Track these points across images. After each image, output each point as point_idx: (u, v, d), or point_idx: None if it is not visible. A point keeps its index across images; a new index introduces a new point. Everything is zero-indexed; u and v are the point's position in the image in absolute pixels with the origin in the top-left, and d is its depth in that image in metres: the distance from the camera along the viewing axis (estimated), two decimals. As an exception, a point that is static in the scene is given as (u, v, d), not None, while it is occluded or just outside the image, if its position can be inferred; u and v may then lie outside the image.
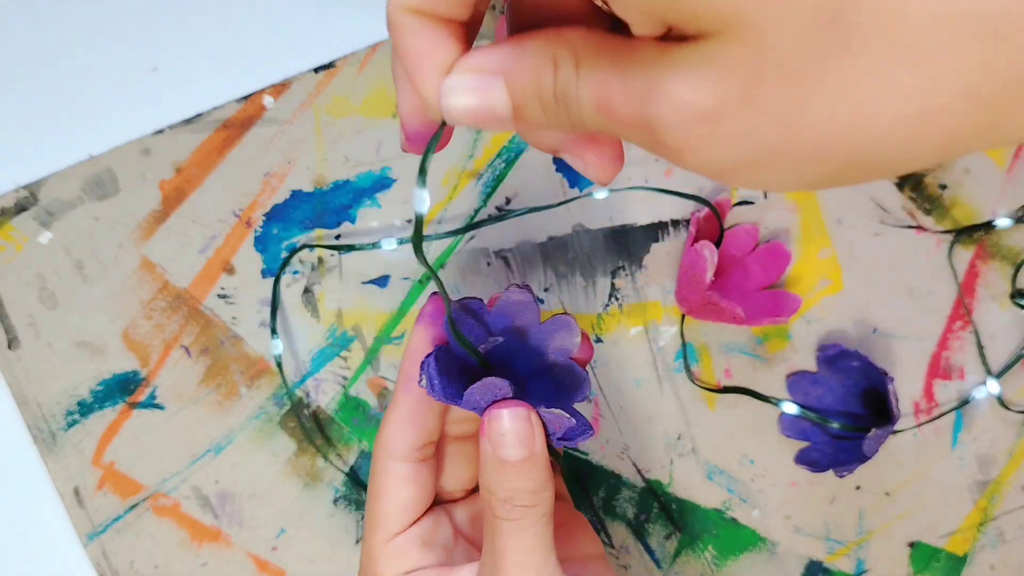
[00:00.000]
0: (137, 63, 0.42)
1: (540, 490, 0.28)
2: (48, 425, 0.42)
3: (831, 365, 0.41)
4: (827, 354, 0.41)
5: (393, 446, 0.30)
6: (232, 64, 0.42)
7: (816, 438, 0.41)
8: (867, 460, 0.38)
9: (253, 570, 0.42)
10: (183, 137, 0.41)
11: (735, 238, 0.41)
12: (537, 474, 0.28)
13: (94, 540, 0.42)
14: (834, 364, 0.41)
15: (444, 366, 0.28)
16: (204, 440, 0.42)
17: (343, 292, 0.42)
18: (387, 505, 0.30)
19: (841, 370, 0.41)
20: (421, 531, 0.31)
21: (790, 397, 0.42)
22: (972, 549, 0.42)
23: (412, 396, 0.30)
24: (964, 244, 0.42)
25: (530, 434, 0.27)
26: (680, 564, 0.42)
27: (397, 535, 0.31)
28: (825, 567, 0.42)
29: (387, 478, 0.30)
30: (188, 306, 0.42)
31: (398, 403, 0.31)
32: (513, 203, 0.41)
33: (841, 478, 0.39)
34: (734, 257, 0.42)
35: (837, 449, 0.40)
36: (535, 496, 0.28)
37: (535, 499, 0.28)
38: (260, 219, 0.42)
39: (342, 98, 0.41)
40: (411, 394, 0.30)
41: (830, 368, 0.41)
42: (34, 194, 0.41)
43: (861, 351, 0.41)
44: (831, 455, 0.40)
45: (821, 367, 0.42)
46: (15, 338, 0.42)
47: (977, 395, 0.41)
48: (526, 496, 0.28)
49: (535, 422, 0.28)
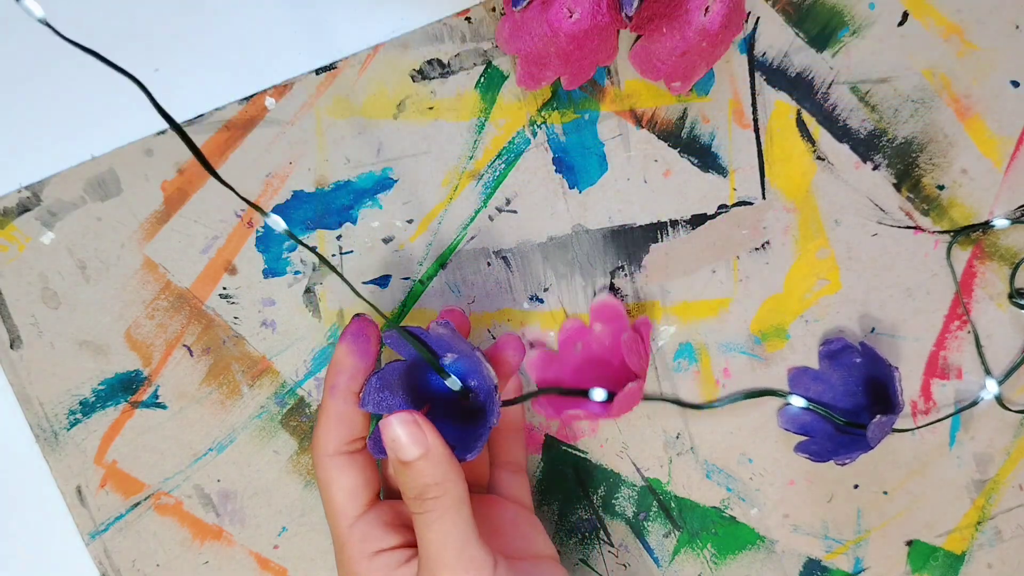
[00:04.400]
0: (139, 64, 0.42)
1: (443, 481, 0.31)
2: (50, 424, 0.42)
3: (833, 360, 0.41)
4: (830, 348, 0.41)
5: (325, 443, 0.34)
6: (233, 65, 0.42)
7: (816, 431, 0.41)
8: (870, 449, 0.38)
9: (255, 568, 0.42)
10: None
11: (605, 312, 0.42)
12: (435, 468, 0.31)
13: (96, 539, 0.42)
14: (837, 359, 0.41)
15: (382, 383, 0.34)
16: (206, 439, 0.42)
17: (344, 292, 0.42)
18: (335, 493, 0.34)
19: (844, 365, 0.41)
20: (380, 515, 0.34)
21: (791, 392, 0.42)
22: (970, 548, 0.42)
23: (336, 401, 0.34)
24: (962, 244, 0.42)
25: (420, 435, 0.31)
26: (679, 562, 0.42)
27: (356, 519, 0.34)
28: (823, 565, 0.42)
29: (328, 471, 0.34)
30: (190, 306, 0.42)
31: (325, 408, 0.35)
32: (513, 203, 0.42)
33: (842, 466, 0.39)
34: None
35: (838, 444, 0.40)
36: (440, 488, 0.31)
37: (440, 490, 0.31)
38: (262, 219, 0.42)
39: (343, 99, 0.41)
40: (335, 399, 0.35)
41: (832, 363, 0.41)
42: (36, 194, 0.42)
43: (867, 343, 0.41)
44: (831, 448, 0.40)
45: (823, 362, 0.42)
46: (17, 338, 0.42)
47: (983, 395, 0.42)
48: (431, 489, 0.31)
49: (423, 424, 0.31)
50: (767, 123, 0.41)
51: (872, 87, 0.41)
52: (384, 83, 0.41)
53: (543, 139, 0.41)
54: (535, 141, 0.41)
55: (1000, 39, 0.41)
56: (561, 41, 0.37)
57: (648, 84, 0.41)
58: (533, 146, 0.41)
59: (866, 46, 0.41)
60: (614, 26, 0.38)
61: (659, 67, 0.39)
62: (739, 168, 0.42)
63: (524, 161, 0.42)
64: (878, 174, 0.42)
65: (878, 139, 0.41)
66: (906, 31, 0.41)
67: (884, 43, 0.41)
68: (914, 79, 0.41)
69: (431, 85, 0.41)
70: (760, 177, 0.42)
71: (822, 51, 0.41)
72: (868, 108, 0.41)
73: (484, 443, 0.32)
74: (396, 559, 0.33)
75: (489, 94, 0.41)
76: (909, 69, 0.41)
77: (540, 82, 0.40)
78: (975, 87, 0.41)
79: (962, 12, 0.41)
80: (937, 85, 0.41)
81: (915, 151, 0.42)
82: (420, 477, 0.31)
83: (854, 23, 0.41)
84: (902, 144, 0.41)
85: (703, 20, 0.37)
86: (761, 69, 0.41)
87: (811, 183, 0.42)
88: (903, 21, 0.41)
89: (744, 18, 0.41)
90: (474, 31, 0.41)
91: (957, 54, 0.41)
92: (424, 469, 0.31)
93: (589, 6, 0.36)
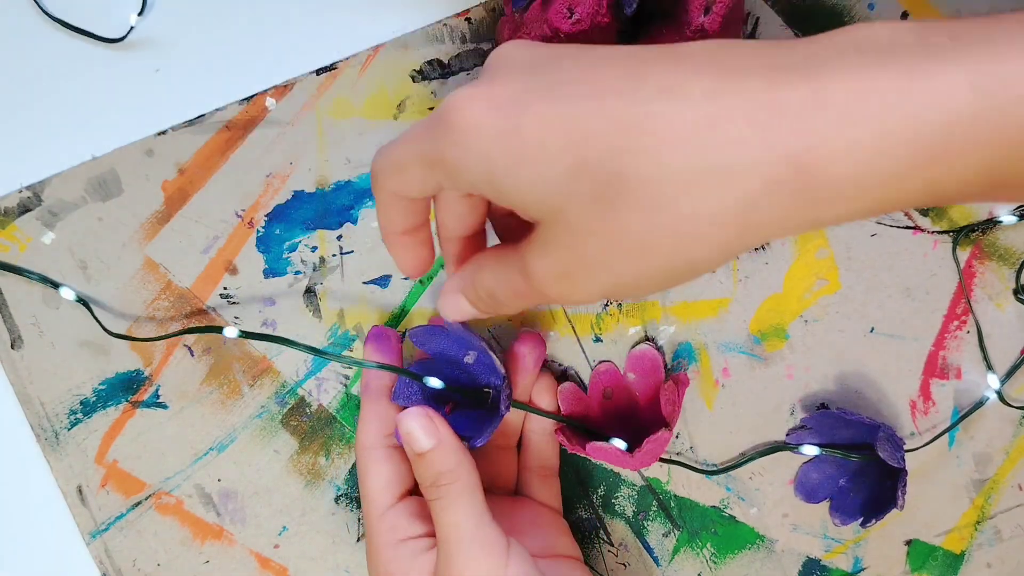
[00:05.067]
0: (140, 64, 0.42)
1: (456, 468, 0.33)
2: (51, 424, 0.42)
3: (822, 432, 0.42)
4: (814, 419, 0.41)
5: (365, 438, 0.37)
6: (234, 66, 0.42)
7: (833, 492, 0.42)
8: (899, 507, 0.38)
9: (255, 568, 0.43)
10: (186, 138, 0.42)
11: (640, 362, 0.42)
12: (448, 456, 0.34)
13: (97, 538, 0.42)
14: (825, 430, 0.42)
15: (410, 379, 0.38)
16: (206, 439, 0.42)
17: (345, 292, 0.42)
18: (372, 483, 0.36)
19: (833, 433, 0.41)
20: (409, 507, 0.36)
21: (797, 493, 0.42)
22: (969, 547, 0.42)
23: (371, 399, 0.38)
24: (961, 244, 0.42)
25: (432, 427, 0.34)
26: (679, 562, 0.43)
27: (387, 509, 0.36)
28: (823, 565, 0.42)
29: (367, 462, 0.37)
30: (191, 306, 0.42)
31: (363, 406, 0.38)
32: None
33: (865, 528, 0.40)
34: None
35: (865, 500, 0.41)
36: (453, 474, 0.33)
37: (452, 477, 0.33)
38: (262, 219, 0.42)
39: (343, 100, 0.42)
40: (369, 398, 0.38)
41: (823, 435, 0.42)
42: (37, 195, 0.42)
43: (844, 408, 0.41)
44: (858, 505, 0.41)
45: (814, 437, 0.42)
46: (18, 338, 0.42)
47: (987, 394, 0.42)
48: (444, 476, 0.33)
49: (436, 418, 0.34)
50: (766, 123, 0.41)
51: (871, 87, 0.41)
52: (384, 84, 0.41)
53: (543, 139, 0.41)
54: (535, 141, 0.41)
55: (999, 39, 0.41)
56: (561, 41, 0.37)
57: (648, 84, 0.41)
58: (533, 146, 0.41)
59: (865, 46, 0.41)
60: (614, 26, 0.38)
61: None
62: (739, 168, 0.42)
63: (524, 161, 0.42)
64: (877, 174, 0.42)
65: (877, 139, 0.42)
66: (905, 31, 0.41)
67: (883, 43, 0.41)
68: (913, 79, 0.41)
69: (431, 86, 0.41)
70: (759, 177, 0.42)
71: (821, 51, 0.41)
72: (867, 108, 0.41)
73: (492, 431, 0.35)
74: (420, 546, 0.35)
75: (489, 94, 0.41)
76: (908, 69, 0.41)
77: (540, 82, 0.40)
78: (974, 87, 0.41)
79: (961, 12, 0.41)
80: (936, 85, 0.41)
81: (914, 151, 0.42)
82: (434, 466, 0.33)
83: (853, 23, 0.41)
84: (901, 144, 0.42)
85: (703, 20, 0.37)
86: (760, 69, 0.41)
87: (810, 183, 0.42)
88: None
89: (744, 18, 0.41)
90: (474, 31, 0.41)
91: (956, 54, 0.41)
92: (437, 458, 0.33)
93: (589, 6, 0.36)
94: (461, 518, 0.33)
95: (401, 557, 0.35)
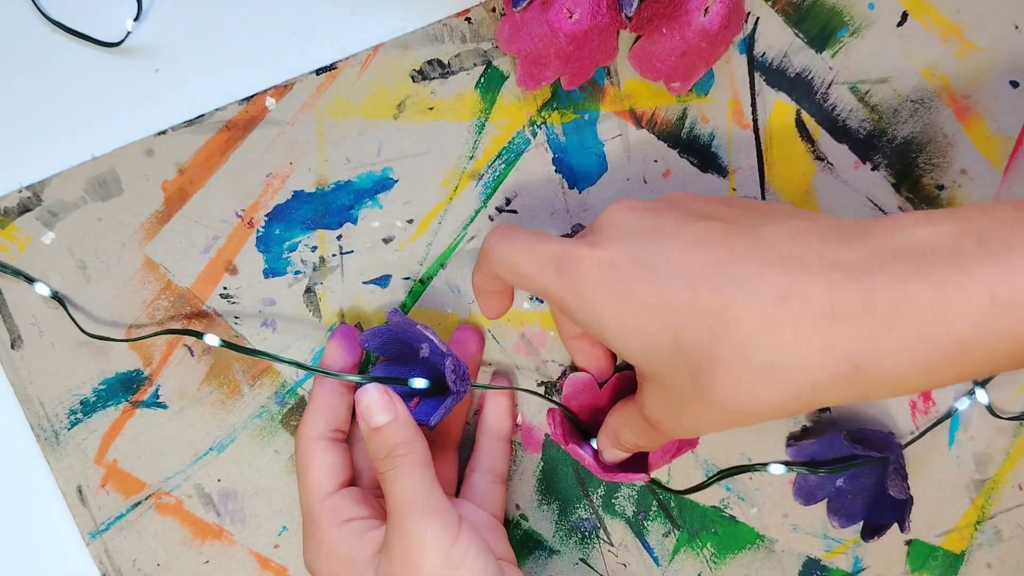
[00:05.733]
0: (139, 64, 0.42)
1: (411, 441, 0.35)
2: (51, 424, 0.42)
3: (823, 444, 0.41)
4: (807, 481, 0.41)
5: (311, 428, 0.38)
6: (234, 66, 0.42)
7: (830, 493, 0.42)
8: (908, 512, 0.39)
9: (255, 568, 0.43)
10: (185, 138, 0.42)
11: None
12: (403, 430, 0.35)
13: (97, 538, 0.42)
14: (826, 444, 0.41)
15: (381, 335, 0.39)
16: (206, 439, 0.42)
17: (345, 292, 0.42)
18: (315, 471, 0.37)
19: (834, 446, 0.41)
20: (351, 493, 0.37)
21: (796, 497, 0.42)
22: (969, 547, 0.42)
23: (325, 391, 0.39)
24: (961, 244, 0.42)
25: (389, 402, 0.35)
26: (679, 562, 0.43)
27: (329, 495, 0.37)
28: (823, 565, 0.42)
29: (310, 452, 0.38)
30: (191, 306, 0.42)
31: (314, 397, 0.39)
32: (513, 203, 0.42)
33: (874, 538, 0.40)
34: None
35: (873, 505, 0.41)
36: (407, 446, 0.35)
37: (407, 448, 0.35)
38: (262, 219, 0.42)
39: (343, 99, 0.42)
40: (324, 390, 0.39)
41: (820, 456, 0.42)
42: (37, 195, 0.42)
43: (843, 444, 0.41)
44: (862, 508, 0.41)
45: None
46: (18, 337, 0.42)
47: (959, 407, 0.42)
48: (399, 447, 0.34)
49: (392, 395, 0.36)
50: (767, 123, 0.41)
51: (871, 87, 0.41)
52: (384, 83, 0.41)
53: (543, 139, 0.41)
54: (535, 141, 0.41)
55: (999, 39, 0.41)
56: (561, 41, 0.37)
57: (648, 84, 0.41)
58: (533, 146, 0.42)
59: (866, 46, 0.41)
60: (614, 26, 0.38)
61: (659, 67, 0.39)
62: (739, 168, 0.42)
63: (524, 161, 0.42)
64: (877, 174, 0.42)
65: (877, 139, 0.42)
66: (905, 31, 0.41)
67: (883, 43, 0.41)
68: (913, 79, 0.41)
69: (431, 85, 0.41)
70: (760, 177, 0.42)
71: (822, 51, 0.41)
72: (867, 108, 0.41)
73: (444, 413, 0.36)
74: (365, 525, 0.36)
75: (489, 94, 0.41)
76: (908, 69, 0.41)
77: (540, 82, 0.40)
78: (974, 87, 0.41)
79: (961, 12, 0.41)
80: (936, 85, 0.41)
81: (914, 151, 0.42)
82: (389, 438, 0.35)
83: (854, 23, 0.41)
84: (901, 144, 0.42)
85: (703, 20, 0.37)
86: (761, 69, 0.41)
87: (810, 183, 0.42)
88: (902, 21, 0.41)
89: (744, 18, 0.41)
90: (474, 31, 0.41)
91: (956, 54, 0.41)
92: (393, 431, 0.35)
93: (589, 6, 0.36)
94: (413, 487, 0.34)
95: (345, 536, 0.35)
